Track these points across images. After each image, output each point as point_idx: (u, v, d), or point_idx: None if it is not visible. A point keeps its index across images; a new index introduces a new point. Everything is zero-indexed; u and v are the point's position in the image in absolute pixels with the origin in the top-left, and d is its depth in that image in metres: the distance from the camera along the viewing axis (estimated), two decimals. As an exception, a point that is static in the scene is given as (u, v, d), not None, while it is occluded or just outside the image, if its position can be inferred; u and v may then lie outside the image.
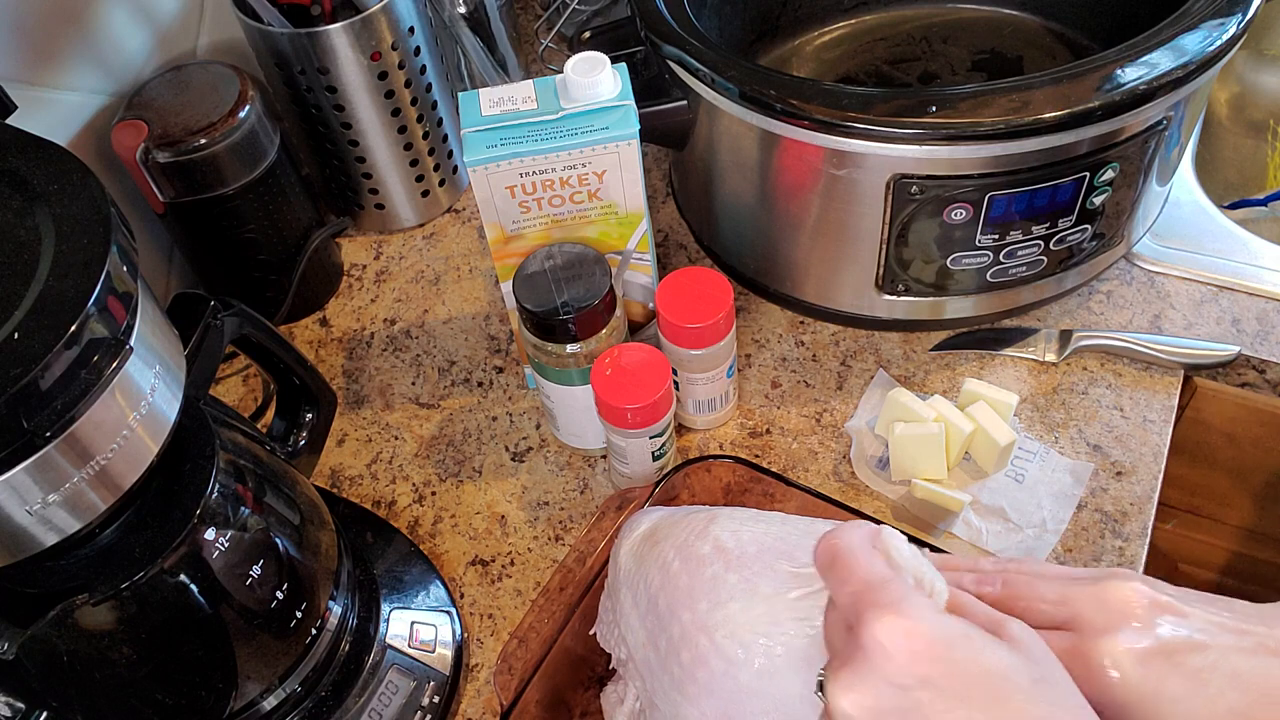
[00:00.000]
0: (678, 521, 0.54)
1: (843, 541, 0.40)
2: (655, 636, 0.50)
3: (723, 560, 0.49)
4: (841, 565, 0.39)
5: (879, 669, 0.35)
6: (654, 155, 0.92)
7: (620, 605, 0.54)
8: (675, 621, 0.49)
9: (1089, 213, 0.69)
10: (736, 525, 0.51)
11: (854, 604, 0.37)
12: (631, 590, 0.53)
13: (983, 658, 0.36)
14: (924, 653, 0.35)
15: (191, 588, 0.50)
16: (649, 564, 0.52)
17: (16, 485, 0.40)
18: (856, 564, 0.38)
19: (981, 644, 0.36)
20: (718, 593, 0.48)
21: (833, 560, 0.39)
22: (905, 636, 0.36)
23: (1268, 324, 0.75)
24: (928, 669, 0.35)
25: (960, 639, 0.36)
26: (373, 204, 0.89)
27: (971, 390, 0.70)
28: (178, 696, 0.53)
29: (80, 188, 0.43)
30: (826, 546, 0.40)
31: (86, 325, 0.40)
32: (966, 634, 0.36)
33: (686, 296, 0.68)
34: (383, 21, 0.77)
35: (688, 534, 0.52)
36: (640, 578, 0.53)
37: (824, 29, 0.92)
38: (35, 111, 0.69)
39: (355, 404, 0.80)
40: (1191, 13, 0.65)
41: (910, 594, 0.37)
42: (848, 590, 0.38)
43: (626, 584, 0.54)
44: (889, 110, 0.63)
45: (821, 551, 0.40)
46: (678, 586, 0.50)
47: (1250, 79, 1.08)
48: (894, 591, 0.37)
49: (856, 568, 0.38)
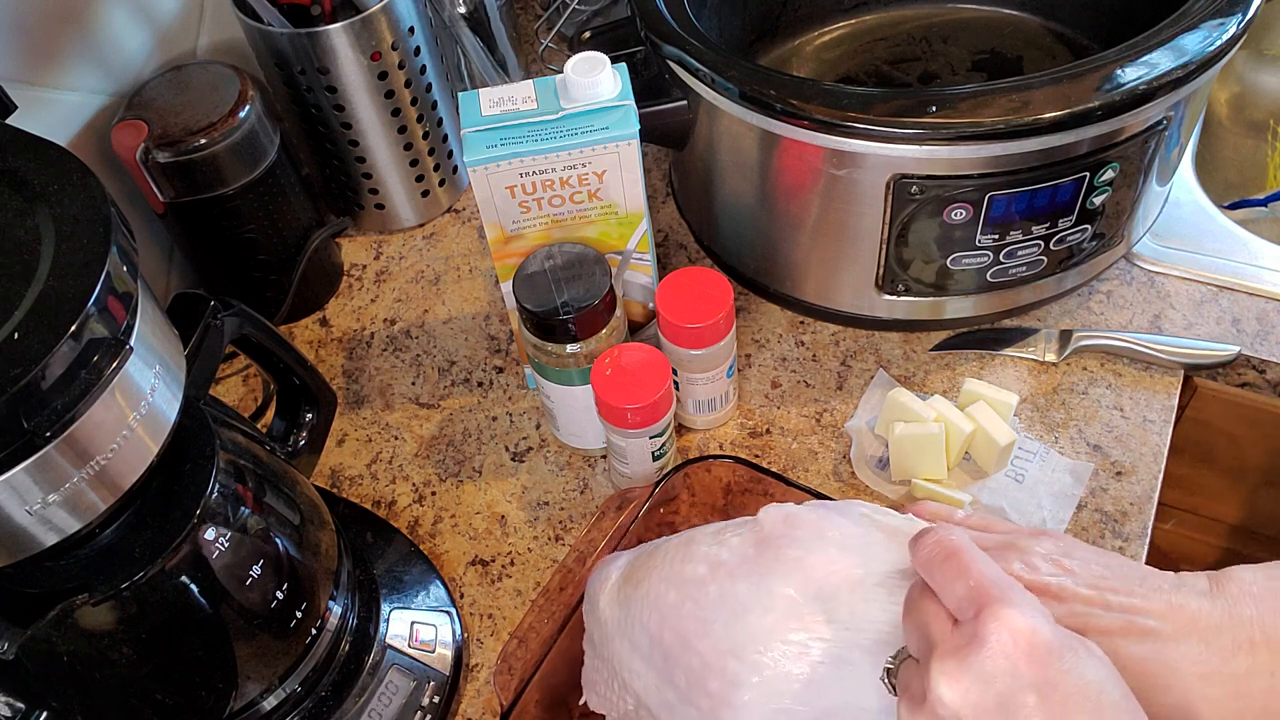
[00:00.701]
0: (652, 555, 0.52)
1: (954, 540, 0.40)
2: (669, 675, 0.48)
3: (724, 573, 0.47)
4: (958, 561, 0.39)
5: (993, 664, 0.36)
6: (654, 155, 0.93)
7: (616, 655, 0.51)
8: (691, 653, 0.47)
9: (1089, 213, 0.69)
10: (719, 536, 0.50)
11: (973, 598, 0.38)
12: (626, 637, 0.51)
13: (1087, 670, 0.37)
14: (1042, 656, 0.36)
15: (191, 588, 0.50)
16: (638, 606, 0.50)
17: (16, 485, 0.40)
18: (974, 561, 0.39)
19: (1087, 656, 0.37)
20: (730, 609, 0.46)
21: (947, 555, 0.40)
22: (1027, 635, 0.36)
23: (1268, 324, 0.75)
24: (1039, 673, 0.36)
25: (1070, 649, 0.37)
26: (373, 204, 0.89)
27: (971, 390, 0.70)
28: (178, 696, 0.53)
29: (80, 188, 0.43)
30: (940, 543, 0.40)
31: (86, 325, 0.40)
32: (1076, 644, 0.37)
33: (686, 296, 0.68)
34: (383, 21, 0.77)
35: (672, 563, 0.50)
36: (633, 622, 0.50)
37: (824, 29, 0.92)
38: (35, 111, 0.69)
39: (355, 404, 0.80)
40: (1191, 13, 0.65)
41: (1030, 597, 0.38)
42: (967, 584, 0.38)
43: (619, 634, 0.51)
44: (889, 110, 0.63)
45: (932, 547, 0.41)
46: (683, 615, 0.48)
47: (1250, 79, 1.08)
48: (1017, 593, 0.38)
49: (973, 565, 0.39)
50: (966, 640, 0.37)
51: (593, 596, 0.54)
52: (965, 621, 0.38)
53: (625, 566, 0.54)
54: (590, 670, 0.55)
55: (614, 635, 0.52)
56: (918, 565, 0.41)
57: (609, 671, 0.53)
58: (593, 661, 0.55)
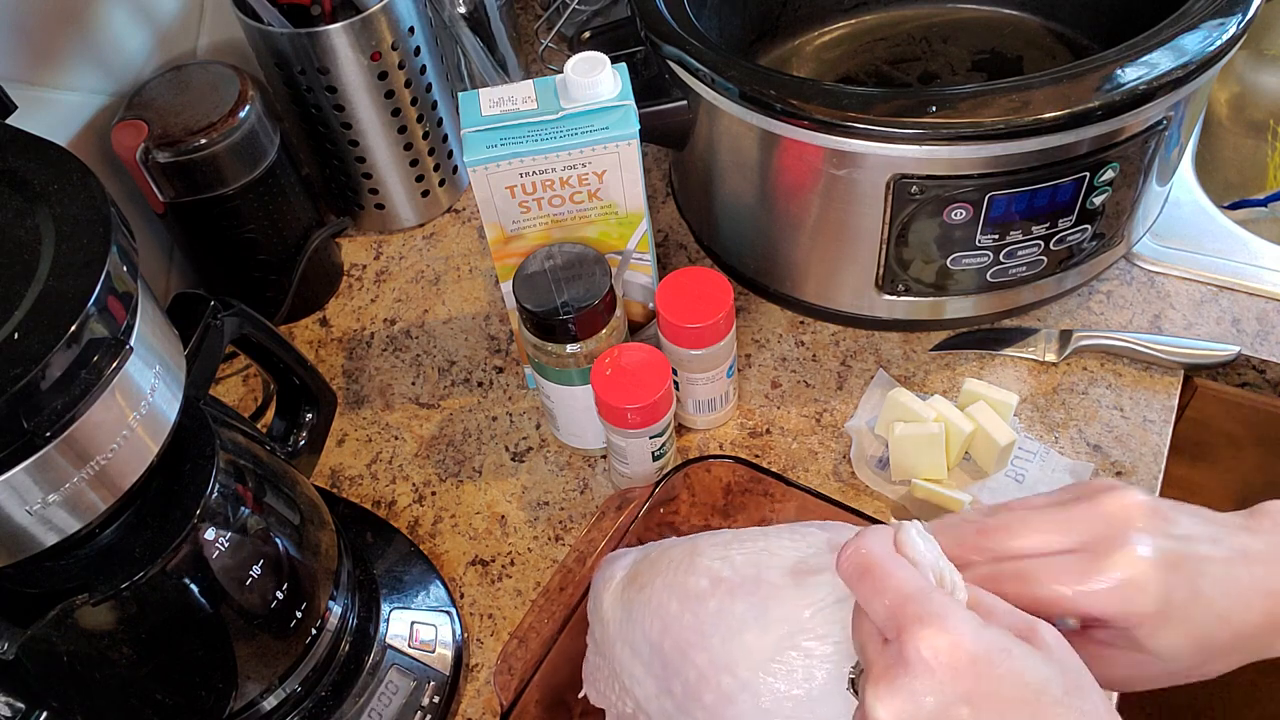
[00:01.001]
0: (657, 560, 0.52)
1: (870, 551, 0.39)
2: (667, 683, 0.49)
3: (724, 590, 0.48)
4: (873, 577, 0.38)
5: (920, 684, 0.36)
6: (654, 155, 0.92)
7: (617, 658, 0.52)
8: (689, 665, 0.47)
9: (1089, 213, 0.69)
10: (724, 550, 0.50)
11: (892, 617, 0.37)
12: (628, 642, 0.51)
13: (1021, 672, 0.36)
14: (967, 668, 0.35)
15: (191, 588, 0.50)
16: (641, 611, 0.50)
17: (16, 485, 0.40)
18: (889, 575, 0.38)
19: (1020, 657, 0.36)
20: (728, 625, 0.46)
21: (862, 572, 0.39)
22: (948, 651, 0.36)
23: (1268, 324, 0.75)
24: (970, 685, 0.35)
25: (1000, 653, 0.36)
26: (373, 204, 0.89)
27: (971, 390, 0.70)
28: (178, 696, 0.53)
29: (80, 188, 0.43)
30: (853, 558, 0.39)
31: (86, 325, 0.40)
32: (1006, 647, 0.36)
33: (686, 296, 0.68)
34: (383, 21, 0.77)
35: (675, 571, 0.50)
36: (635, 627, 0.51)
37: (824, 29, 0.92)
38: (35, 111, 0.69)
39: (355, 404, 0.80)
40: (1191, 13, 0.65)
41: (950, 605, 0.37)
42: (883, 602, 0.38)
43: (620, 637, 0.51)
44: (889, 110, 0.63)
45: (847, 562, 0.40)
46: (683, 626, 0.48)
47: (1250, 79, 1.08)
48: (934, 604, 0.37)
49: (889, 579, 0.38)
50: (893, 661, 0.36)
51: (597, 593, 0.55)
52: (891, 641, 0.37)
53: (631, 566, 0.54)
54: (591, 666, 0.55)
55: (615, 638, 0.52)
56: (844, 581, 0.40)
57: (609, 671, 0.53)
58: (594, 658, 0.55)
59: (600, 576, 0.55)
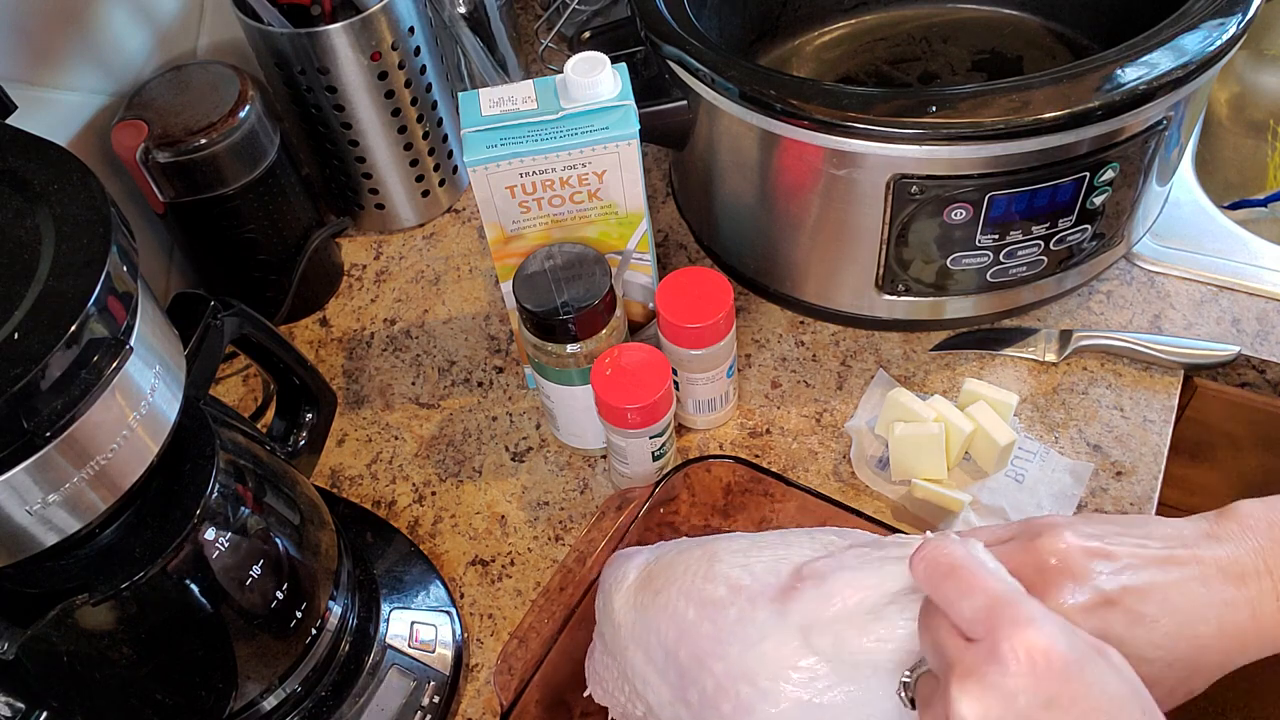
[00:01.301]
0: (673, 564, 0.52)
1: (953, 552, 0.40)
2: (683, 692, 0.48)
3: (744, 598, 0.48)
4: (959, 578, 0.39)
5: (1015, 682, 0.36)
6: (654, 155, 0.93)
7: (630, 662, 0.52)
8: (706, 674, 0.47)
9: (1089, 213, 0.69)
10: (743, 558, 0.50)
11: (985, 616, 0.37)
12: (641, 646, 0.51)
13: (1107, 683, 0.37)
14: (1059, 671, 0.36)
15: (191, 588, 0.50)
16: (656, 616, 0.50)
17: (16, 485, 0.40)
18: (979, 576, 0.39)
19: (1106, 669, 0.37)
20: (748, 634, 0.46)
21: (946, 572, 0.39)
22: (1044, 653, 0.36)
23: (1268, 324, 0.75)
24: (1059, 688, 0.36)
25: (1090, 662, 0.37)
26: (373, 204, 0.89)
27: (971, 390, 0.70)
28: (178, 696, 0.53)
29: (80, 188, 0.43)
30: (934, 558, 0.40)
31: (86, 325, 0.40)
32: (1093, 657, 0.37)
33: (686, 296, 0.68)
34: (383, 21, 0.77)
35: (693, 577, 0.50)
36: (649, 631, 0.50)
37: (824, 29, 0.92)
38: (35, 111, 0.69)
39: (355, 404, 0.80)
40: (1191, 13, 0.65)
41: (1042, 610, 0.38)
42: (973, 602, 0.38)
43: (634, 640, 0.51)
44: (889, 110, 0.63)
45: (926, 563, 0.40)
46: (701, 634, 0.48)
47: (1250, 79, 1.08)
48: (1028, 606, 0.38)
49: (980, 580, 0.39)
50: (984, 659, 0.37)
51: (607, 592, 0.54)
52: (979, 639, 0.37)
53: (643, 566, 0.53)
54: (599, 665, 0.55)
55: (628, 641, 0.52)
56: (920, 582, 0.41)
57: (619, 673, 0.53)
58: (603, 658, 0.55)
59: (611, 575, 0.55)
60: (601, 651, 0.55)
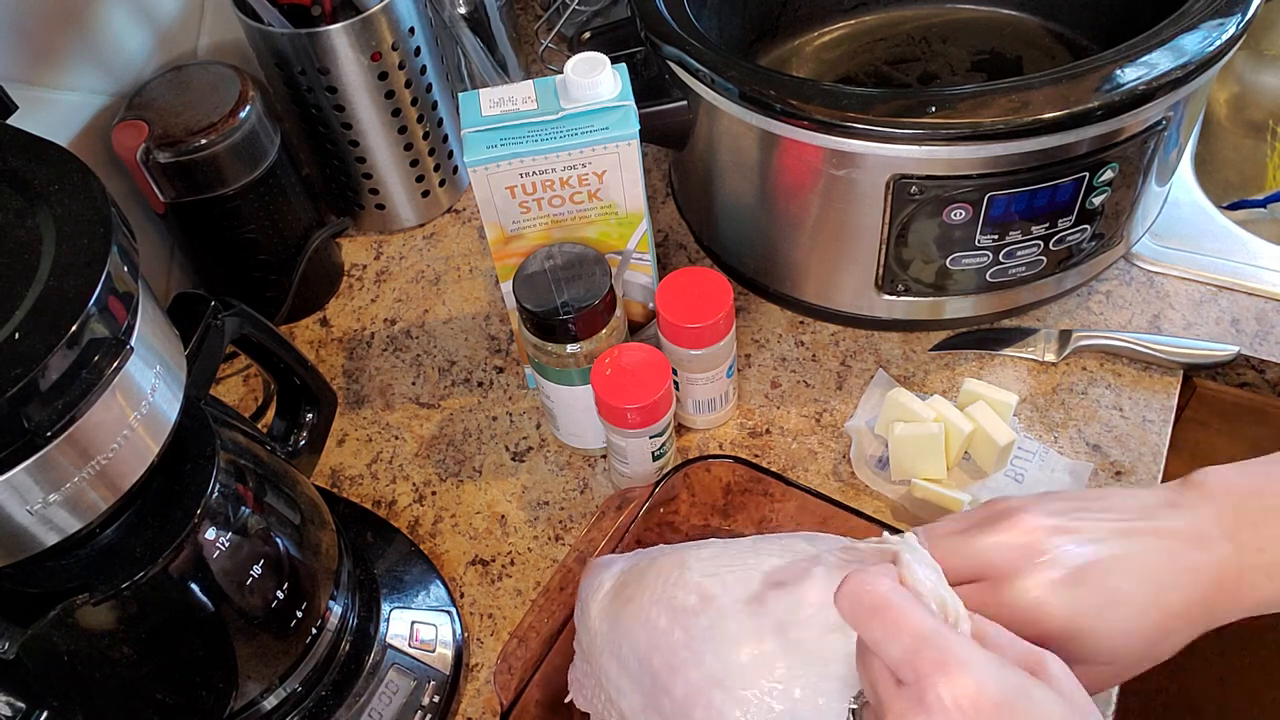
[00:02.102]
0: (645, 571, 0.51)
1: (875, 590, 0.38)
2: (655, 699, 0.48)
3: (714, 609, 0.47)
4: (884, 619, 0.38)
5: None
6: (654, 155, 0.93)
7: (604, 670, 0.51)
8: (679, 680, 0.47)
9: (1088, 213, 0.69)
10: (714, 566, 0.49)
11: (909, 660, 0.36)
12: (614, 654, 0.50)
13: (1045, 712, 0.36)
14: (989, 714, 0.35)
15: (192, 587, 0.50)
16: (628, 624, 0.50)
17: (17, 485, 0.40)
18: (903, 617, 0.37)
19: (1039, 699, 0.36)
20: (719, 643, 0.46)
21: (871, 613, 0.38)
22: (972, 698, 0.35)
23: (1267, 324, 0.75)
24: None
25: (1021, 697, 0.36)
26: (373, 204, 0.89)
27: (971, 390, 0.70)
28: (178, 696, 0.53)
29: (81, 188, 0.43)
30: (857, 597, 0.39)
31: (87, 325, 0.40)
32: (1025, 690, 0.36)
33: (686, 296, 0.68)
34: (383, 22, 0.77)
35: (665, 585, 0.49)
36: (621, 639, 0.50)
37: (824, 29, 0.93)
38: (36, 111, 0.69)
39: (355, 404, 0.80)
40: (1191, 13, 0.65)
41: (969, 648, 0.37)
42: (899, 645, 0.37)
43: (608, 649, 0.51)
44: (889, 110, 0.63)
45: (850, 602, 0.39)
46: (673, 643, 0.47)
47: (1250, 79, 1.08)
48: (954, 647, 0.36)
49: (903, 621, 0.37)
50: (911, 706, 0.36)
51: (584, 600, 0.54)
52: (908, 683, 0.37)
53: (618, 575, 0.53)
54: (579, 672, 0.55)
55: (603, 649, 0.52)
56: (846, 621, 0.39)
57: (595, 681, 0.53)
58: (582, 665, 0.55)
59: (587, 584, 0.55)
60: (580, 659, 0.55)
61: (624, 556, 0.55)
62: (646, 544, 0.64)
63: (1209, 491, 0.44)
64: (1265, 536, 0.43)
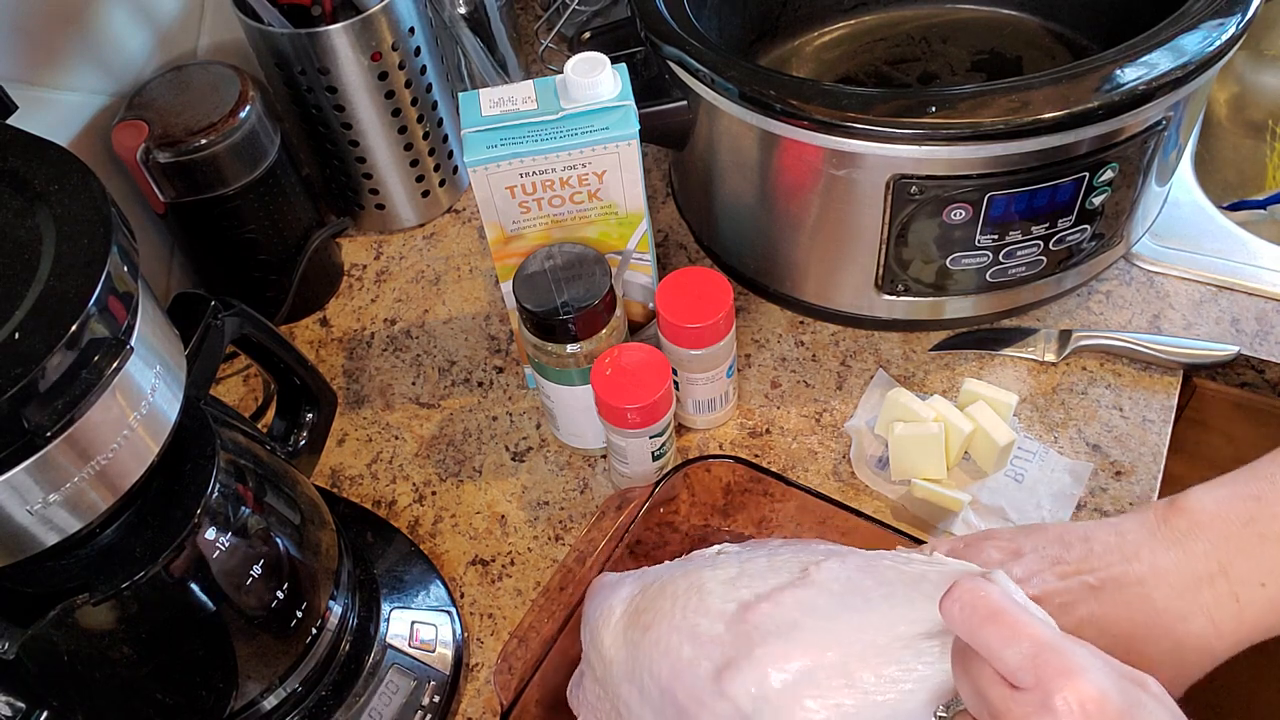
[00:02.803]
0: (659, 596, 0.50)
1: (991, 597, 0.39)
2: None
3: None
4: (1002, 624, 0.38)
5: None
6: (654, 155, 0.93)
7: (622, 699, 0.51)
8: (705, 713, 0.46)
9: (1088, 213, 0.69)
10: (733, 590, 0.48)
11: (1032, 664, 0.37)
12: (636, 684, 0.50)
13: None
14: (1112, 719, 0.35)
15: (192, 587, 0.50)
16: (648, 652, 0.49)
17: (17, 485, 0.40)
18: (1020, 623, 0.38)
19: (1154, 706, 0.36)
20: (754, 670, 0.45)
21: (987, 618, 0.38)
22: (1097, 703, 0.35)
23: (1267, 324, 0.75)
24: None
25: (1137, 706, 0.36)
26: (373, 204, 0.89)
27: (971, 390, 0.70)
28: (178, 696, 0.53)
29: (81, 188, 0.43)
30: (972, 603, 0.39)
31: (87, 325, 0.40)
32: (1143, 702, 0.37)
33: (686, 296, 0.68)
34: (383, 22, 0.77)
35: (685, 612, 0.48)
36: (642, 670, 0.49)
37: (824, 29, 0.93)
38: (36, 111, 0.69)
39: (355, 404, 0.80)
40: (1191, 13, 0.65)
41: (1091, 657, 0.37)
42: (1018, 649, 0.37)
43: (627, 679, 0.50)
44: (889, 110, 0.63)
45: (967, 609, 0.39)
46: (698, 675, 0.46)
47: (1250, 79, 1.08)
48: (1077, 654, 0.37)
49: (1021, 627, 0.37)
50: (1036, 710, 0.36)
51: (594, 625, 0.53)
52: (1027, 689, 0.37)
53: (629, 600, 0.52)
54: (590, 695, 0.54)
55: (621, 678, 0.51)
56: (955, 627, 0.40)
57: (611, 707, 0.52)
58: (594, 688, 0.54)
59: (596, 608, 0.54)
60: (591, 680, 0.54)
61: (630, 577, 0.54)
62: (646, 544, 0.64)
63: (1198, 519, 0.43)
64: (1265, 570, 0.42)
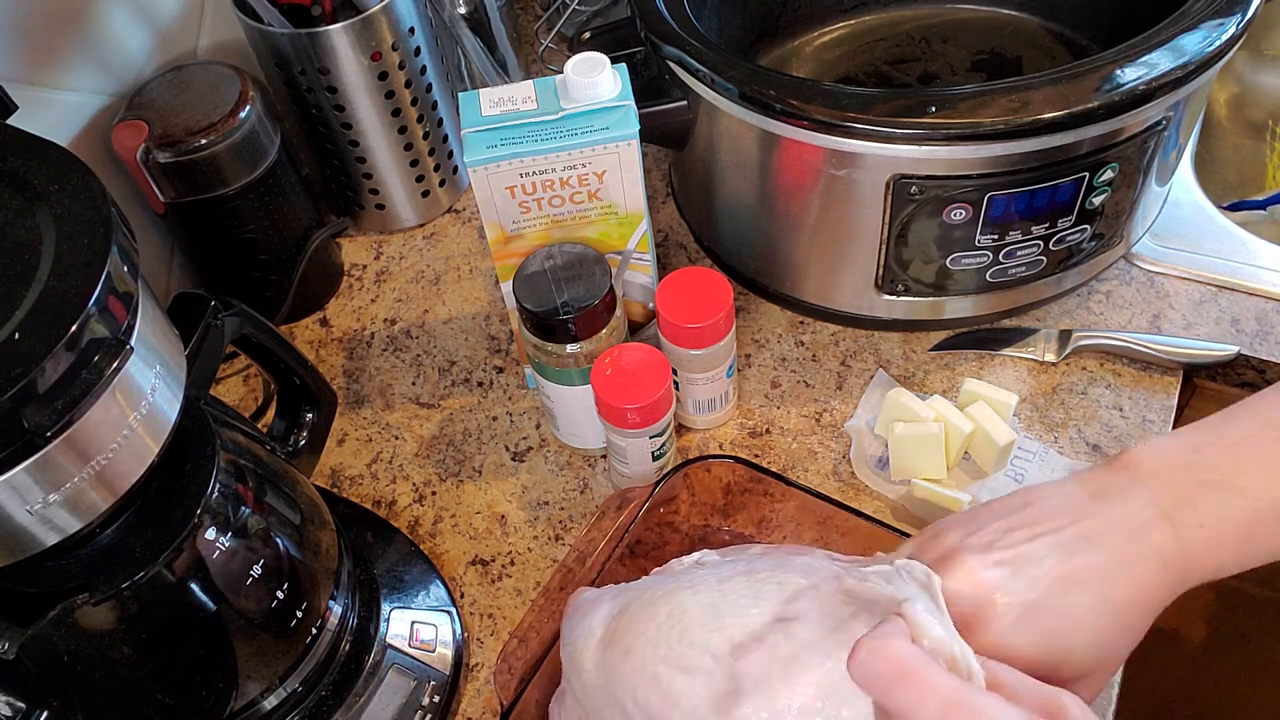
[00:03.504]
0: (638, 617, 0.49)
1: (894, 654, 0.37)
2: None
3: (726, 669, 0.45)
4: (908, 685, 0.37)
5: None
6: (654, 155, 0.93)
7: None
8: None
9: (1088, 213, 0.69)
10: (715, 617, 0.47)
11: None
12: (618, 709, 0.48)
13: None
14: None
15: (192, 587, 0.50)
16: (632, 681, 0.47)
17: (17, 485, 0.40)
18: (926, 682, 0.37)
19: None
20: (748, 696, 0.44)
21: (894, 680, 0.37)
22: None
23: (1267, 324, 0.75)
24: None
25: None
26: (373, 204, 0.89)
27: (971, 390, 0.70)
28: (178, 696, 0.53)
29: (81, 188, 0.43)
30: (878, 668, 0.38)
31: (87, 325, 0.40)
32: None
33: (686, 296, 0.68)
34: (383, 22, 0.77)
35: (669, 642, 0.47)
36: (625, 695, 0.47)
37: (824, 29, 0.93)
38: (36, 111, 0.69)
39: (355, 404, 0.80)
40: (1191, 13, 0.65)
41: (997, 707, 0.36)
42: (927, 712, 0.36)
43: (608, 703, 0.49)
44: (889, 110, 0.63)
45: (870, 674, 0.38)
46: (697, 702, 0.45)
47: (1250, 79, 1.08)
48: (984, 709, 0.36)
49: (928, 685, 0.36)
50: None
51: (573, 644, 0.52)
52: None
53: (608, 621, 0.51)
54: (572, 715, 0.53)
55: (601, 702, 0.49)
56: (864, 690, 0.39)
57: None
58: (574, 707, 0.52)
59: (575, 627, 0.52)
60: (572, 698, 0.53)
61: (608, 594, 0.53)
62: (646, 544, 0.64)
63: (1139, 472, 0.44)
64: (1202, 513, 0.43)
